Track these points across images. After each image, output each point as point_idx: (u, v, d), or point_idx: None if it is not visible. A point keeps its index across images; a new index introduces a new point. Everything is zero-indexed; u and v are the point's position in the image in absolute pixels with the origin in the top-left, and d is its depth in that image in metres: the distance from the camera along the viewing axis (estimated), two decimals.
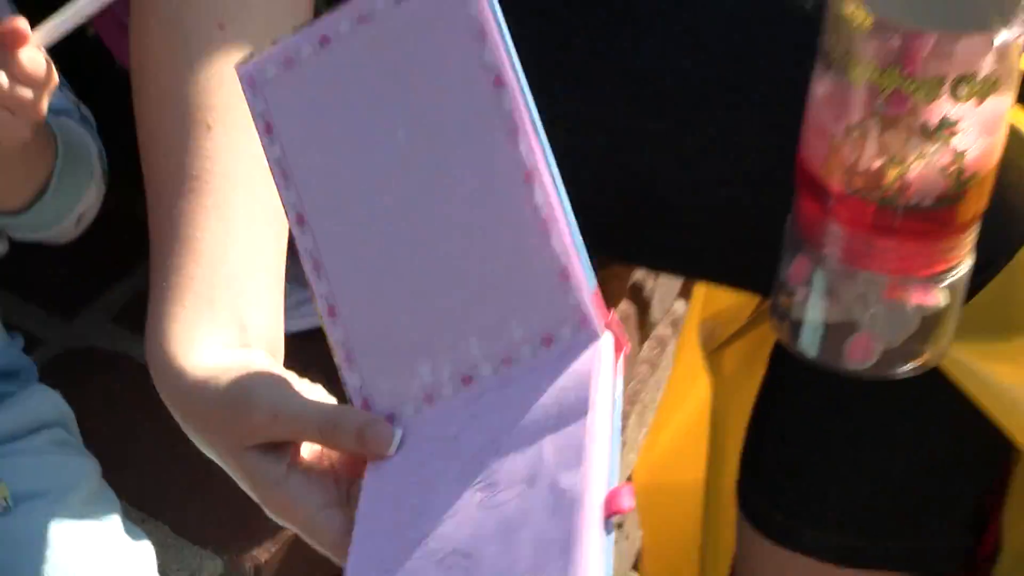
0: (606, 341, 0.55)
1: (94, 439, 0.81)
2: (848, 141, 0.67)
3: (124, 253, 0.92)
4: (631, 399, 1.18)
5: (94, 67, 0.87)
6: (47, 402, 0.81)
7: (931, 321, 0.72)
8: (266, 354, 0.64)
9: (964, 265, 0.70)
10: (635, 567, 1.20)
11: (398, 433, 0.57)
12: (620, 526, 1.17)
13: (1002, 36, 0.65)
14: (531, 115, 0.55)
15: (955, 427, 0.85)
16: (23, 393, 0.80)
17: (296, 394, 0.59)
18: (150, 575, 0.82)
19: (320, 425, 0.57)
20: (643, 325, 1.19)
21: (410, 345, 0.58)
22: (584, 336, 0.54)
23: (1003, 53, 0.65)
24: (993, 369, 0.81)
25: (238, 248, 0.68)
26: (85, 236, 0.80)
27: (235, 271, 0.67)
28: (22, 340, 0.83)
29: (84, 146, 0.81)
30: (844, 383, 0.74)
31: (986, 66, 0.64)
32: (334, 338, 0.59)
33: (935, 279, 0.71)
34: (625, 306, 1.13)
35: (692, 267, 0.97)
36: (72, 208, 0.80)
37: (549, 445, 0.52)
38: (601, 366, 0.54)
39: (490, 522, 0.51)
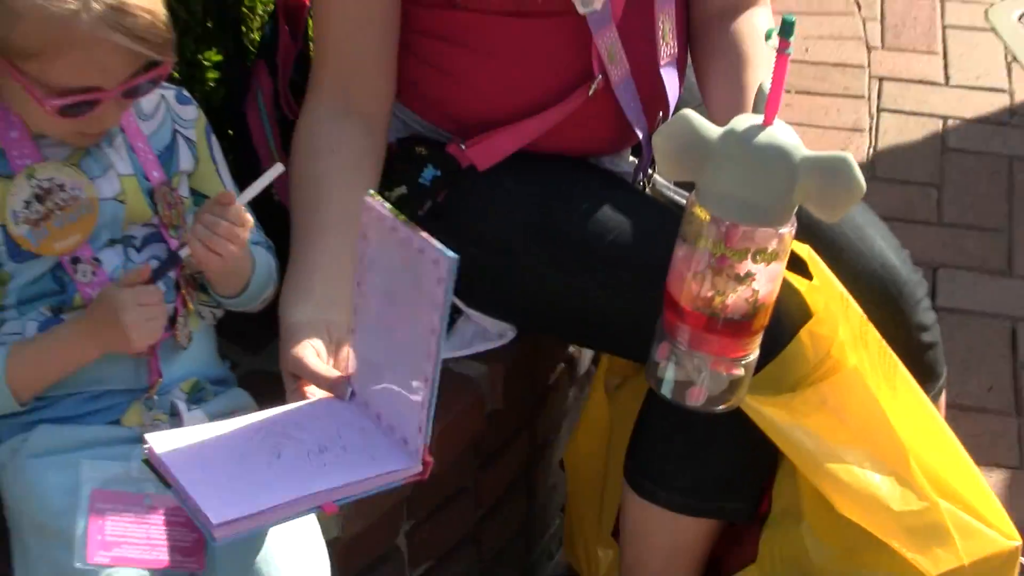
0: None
1: None
2: (693, 280, 1.23)
3: None
4: (567, 415, 1.87)
5: (270, 211, 1.49)
6: (242, 397, 1.42)
7: (735, 383, 1.30)
8: (324, 324, 1.30)
9: (755, 353, 1.28)
10: (561, 510, 1.91)
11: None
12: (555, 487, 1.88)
13: (783, 229, 1.20)
14: (440, 338, 1.07)
15: (748, 436, 1.45)
16: (229, 392, 1.42)
17: (308, 364, 1.25)
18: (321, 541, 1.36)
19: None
20: (572, 374, 1.89)
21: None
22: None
23: (782, 239, 1.20)
24: (770, 411, 1.40)
25: (328, 267, 1.36)
26: (266, 308, 1.43)
27: (325, 276, 1.36)
28: (228, 363, 1.46)
29: (268, 264, 1.44)
30: (686, 411, 1.33)
31: (772, 245, 1.20)
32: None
33: (738, 360, 1.28)
34: (563, 363, 1.83)
35: (602, 346, 1.64)
36: (260, 296, 1.43)
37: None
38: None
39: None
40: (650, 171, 1.60)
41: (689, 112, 1.22)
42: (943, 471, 1.47)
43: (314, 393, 1.26)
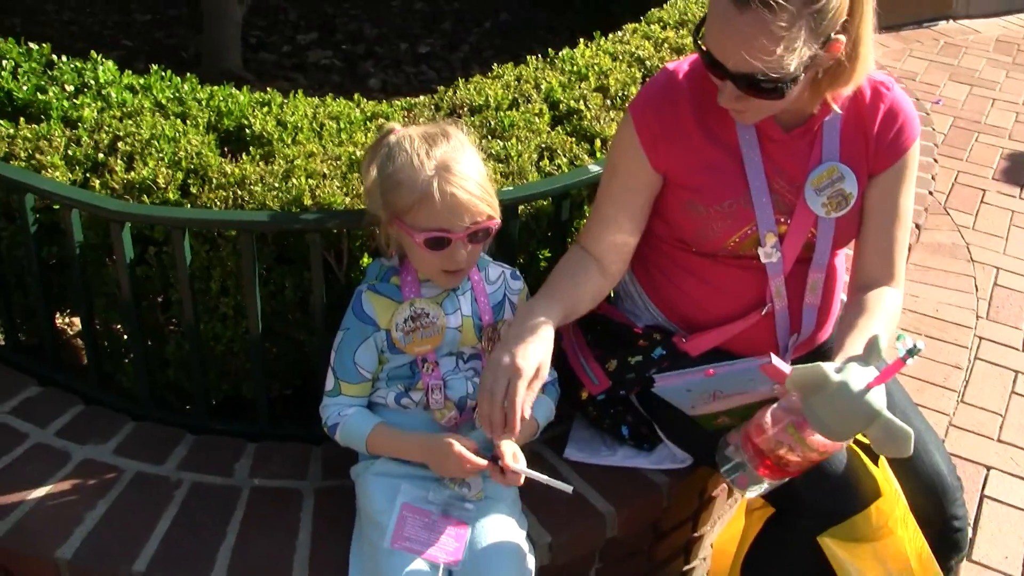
0: None
1: None
2: (775, 443, 1.85)
3: None
4: (722, 515, 2.66)
5: None
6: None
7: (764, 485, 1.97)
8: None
9: (784, 480, 1.93)
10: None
11: None
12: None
13: (839, 444, 1.91)
14: None
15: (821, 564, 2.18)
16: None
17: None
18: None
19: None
20: (729, 492, 2.65)
21: None
22: None
23: (835, 447, 1.86)
24: (839, 550, 2.00)
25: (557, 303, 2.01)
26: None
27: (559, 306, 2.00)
28: None
29: (549, 409, 2.16)
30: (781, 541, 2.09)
31: (828, 449, 1.85)
32: None
33: (774, 481, 1.93)
34: (723, 485, 2.58)
35: None
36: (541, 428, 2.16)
37: None
38: None
39: None
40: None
41: (826, 367, 1.73)
42: None
43: None
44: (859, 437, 2.03)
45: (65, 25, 4.55)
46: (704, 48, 1.87)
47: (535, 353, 1.90)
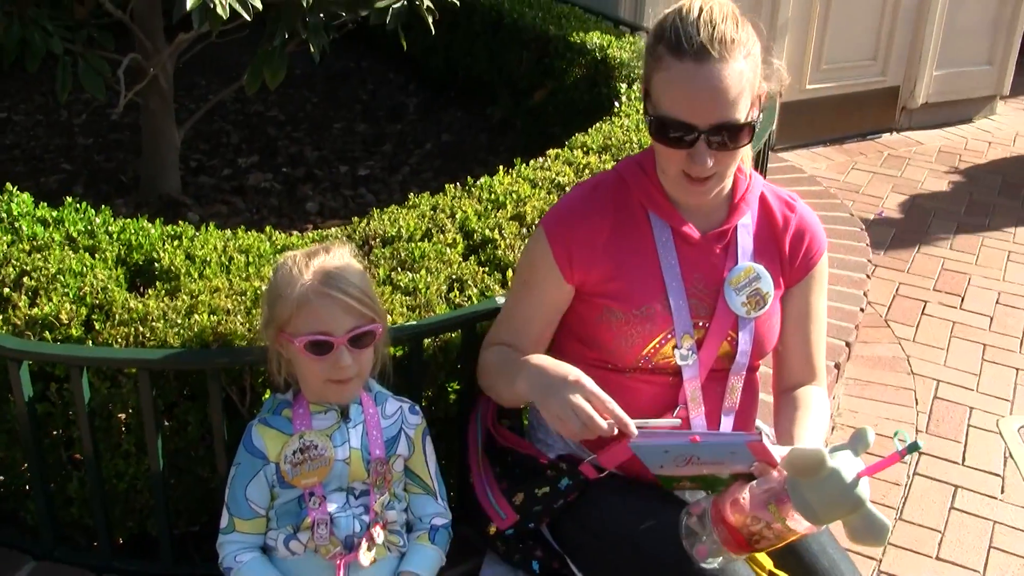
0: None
1: None
2: (751, 520, 1.83)
3: None
4: None
5: None
6: None
7: (726, 558, 1.92)
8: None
9: (746, 555, 1.93)
10: None
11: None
12: None
13: (818, 528, 1.83)
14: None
15: None
16: None
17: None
18: None
19: None
20: None
21: None
22: None
23: (811, 528, 1.81)
24: None
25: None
26: None
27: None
28: None
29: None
30: None
31: (803, 530, 1.82)
32: None
33: (739, 555, 1.92)
34: None
35: None
36: None
37: None
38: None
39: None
40: None
41: (824, 451, 1.74)
42: None
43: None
44: (772, 570, 2.04)
45: (8, 148, 4.58)
46: (670, 117, 1.93)
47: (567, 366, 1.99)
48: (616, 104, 3.84)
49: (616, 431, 1.92)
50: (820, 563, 2.08)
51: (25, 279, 2.37)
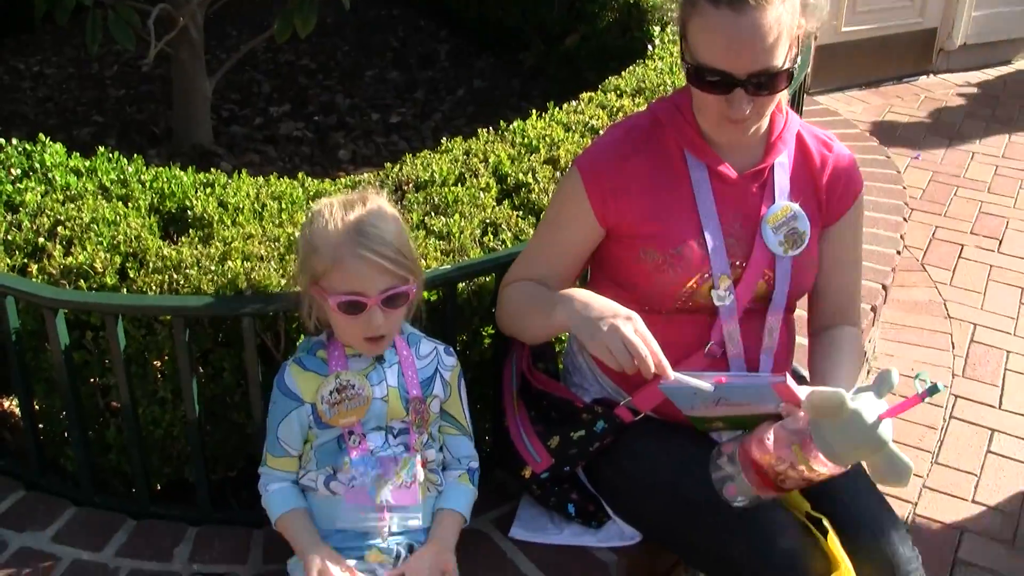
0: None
1: None
2: (776, 460, 1.84)
3: None
4: None
5: None
6: None
7: (755, 498, 1.94)
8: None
9: (775, 495, 1.92)
10: None
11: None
12: None
13: (841, 469, 1.84)
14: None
15: None
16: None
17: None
18: None
19: None
20: (680, 570, 2.60)
21: None
22: None
23: (836, 471, 1.83)
24: None
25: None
26: None
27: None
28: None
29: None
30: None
31: (828, 472, 1.82)
32: None
33: (764, 495, 1.93)
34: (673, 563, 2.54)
35: (695, 565, 2.25)
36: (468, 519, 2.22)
37: None
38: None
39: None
40: None
41: (844, 394, 1.73)
42: None
43: None
44: (809, 511, 2.03)
45: (41, 102, 4.59)
46: (707, 65, 1.91)
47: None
48: (649, 48, 3.79)
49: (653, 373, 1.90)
50: (856, 505, 2.07)
51: (59, 228, 2.38)
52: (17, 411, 2.74)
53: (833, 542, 1.99)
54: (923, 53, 6.47)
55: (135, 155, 2.75)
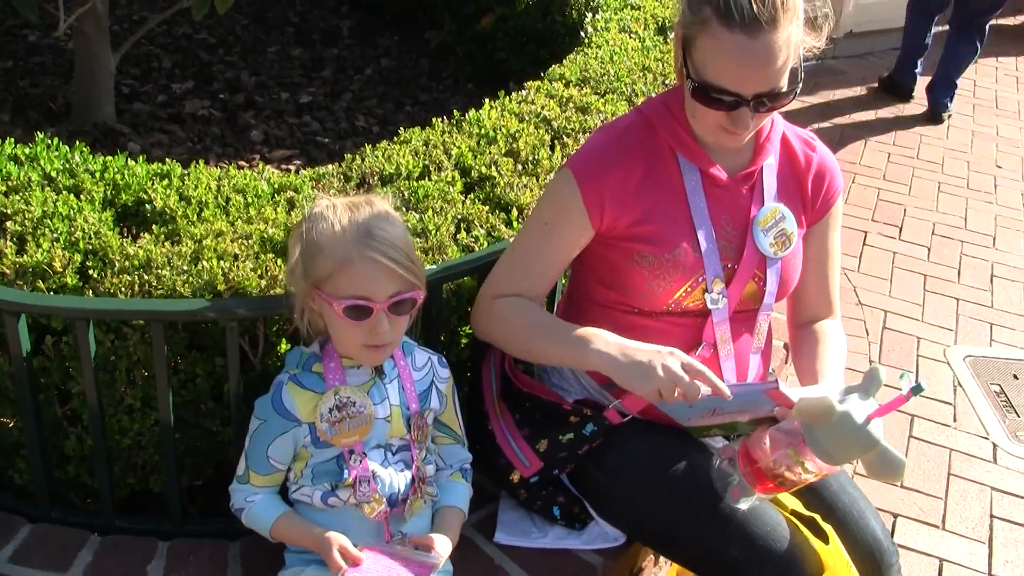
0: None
1: None
2: (774, 463, 1.89)
3: None
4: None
5: None
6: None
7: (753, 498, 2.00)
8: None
9: (771, 496, 2.01)
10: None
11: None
12: None
13: (836, 469, 1.94)
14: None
15: None
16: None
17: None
18: None
19: None
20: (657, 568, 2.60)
21: None
22: None
23: (830, 471, 1.91)
24: None
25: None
26: None
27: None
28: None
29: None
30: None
31: (824, 472, 1.89)
32: None
33: (764, 496, 1.99)
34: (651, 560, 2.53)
35: (681, 562, 2.27)
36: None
37: None
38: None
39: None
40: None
41: (832, 398, 1.78)
42: None
43: None
44: (800, 511, 2.08)
45: None
46: (715, 85, 1.90)
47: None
48: (583, 34, 3.75)
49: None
50: (842, 499, 2.14)
51: (8, 224, 2.20)
52: None
53: (837, 547, 2.02)
54: None
55: (36, 134, 2.56)
